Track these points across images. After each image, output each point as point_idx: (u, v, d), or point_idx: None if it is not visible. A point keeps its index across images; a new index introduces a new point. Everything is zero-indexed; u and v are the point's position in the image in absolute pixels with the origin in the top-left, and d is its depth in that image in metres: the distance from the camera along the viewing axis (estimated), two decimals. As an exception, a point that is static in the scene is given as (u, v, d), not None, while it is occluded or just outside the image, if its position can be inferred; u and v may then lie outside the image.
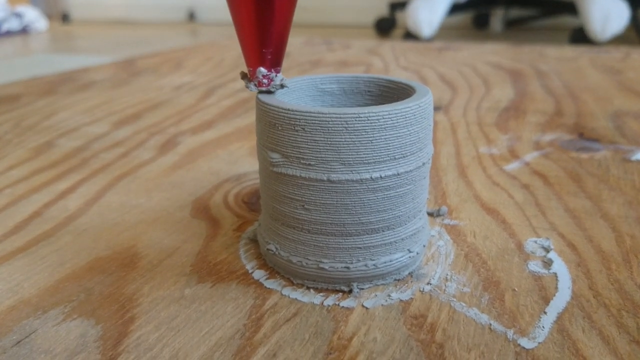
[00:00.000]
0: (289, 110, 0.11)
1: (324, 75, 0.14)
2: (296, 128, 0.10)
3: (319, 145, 0.10)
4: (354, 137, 0.10)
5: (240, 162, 0.19)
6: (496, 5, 1.20)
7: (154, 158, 0.20)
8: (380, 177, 0.11)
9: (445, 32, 1.30)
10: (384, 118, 0.10)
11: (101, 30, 1.64)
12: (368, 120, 0.10)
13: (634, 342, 0.10)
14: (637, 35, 1.03)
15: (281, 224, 0.12)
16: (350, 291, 0.11)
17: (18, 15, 1.55)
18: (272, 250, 0.12)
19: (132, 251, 0.13)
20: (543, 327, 0.10)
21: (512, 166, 0.19)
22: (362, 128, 0.10)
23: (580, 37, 0.96)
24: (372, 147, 0.10)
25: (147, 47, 1.02)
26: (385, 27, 1.17)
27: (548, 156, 0.20)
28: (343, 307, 0.11)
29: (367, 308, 0.11)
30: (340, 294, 0.11)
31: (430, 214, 0.15)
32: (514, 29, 1.34)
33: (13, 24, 1.53)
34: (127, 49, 0.94)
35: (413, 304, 0.11)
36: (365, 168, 0.11)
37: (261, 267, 0.12)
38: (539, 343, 0.10)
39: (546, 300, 0.11)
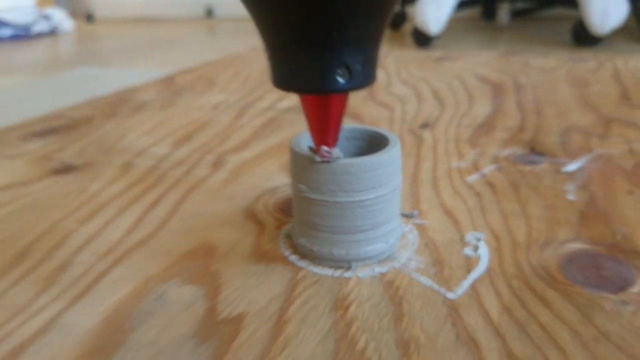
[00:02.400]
0: (310, 157, 0.18)
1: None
2: (314, 170, 0.18)
3: (328, 181, 0.17)
4: (350, 176, 0.17)
5: (272, 177, 0.27)
6: (502, 0, 1.25)
7: (209, 175, 0.27)
8: (367, 198, 0.18)
9: (455, 25, 1.35)
10: (368, 165, 0.17)
11: (124, 30, 1.72)
12: (359, 166, 0.17)
13: (515, 295, 0.17)
14: (637, 28, 1.07)
15: (307, 227, 0.19)
16: (350, 267, 0.19)
17: (46, 17, 1.63)
18: (302, 243, 0.19)
19: (209, 244, 0.21)
20: (462, 287, 0.17)
21: (472, 178, 0.25)
22: (354, 171, 0.17)
23: (580, 30, 1.01)
24: (361, 181, 0.17)
25: (171, 49, 1.09)
26: (396, 21, 1.23)
27: (501, 169, 0.26)
28: (345, 277, 0.18)
29: (359, 277, 0.18)
30: (344, 269, 0.18)
31: (405, 216, 0.22)
32: (521, 19, 1.38)
33: (42, 26, 1.61)
34: (154, 52, 1.01)
35: (388, 275, 0.18)
36: (357, 193, 0.18)
37: (294, 253, 0.20)
38: (457, 296, 0.17)
39: (469, 272, 0.18)
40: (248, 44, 1.03)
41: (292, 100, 0.41)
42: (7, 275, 0.19)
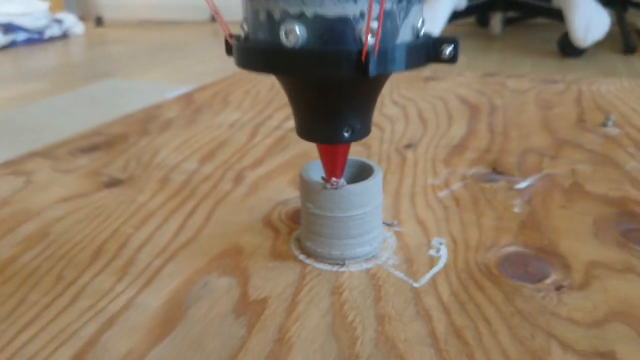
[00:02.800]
0: (315, 183, 0.24)
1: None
2: (318, 193, 0.24)
3: (328, 201, 0.24)
4: (344, 198, 0.24)
5: (284, 192, 0.33)
6: (494, 10, 1.31)
7: (232, 189, 0.34)
8: (356, 214, 0.24)
9: (450, 31, 1.40)
10: (357, 190, 0.24)
11: (132, 34, 1.78)
12: (351, 191, 0.24)
13: (461, 284, 0.23)
14: (622, 39, 1.13)
15: (312, 233, 0.25)
16: (344, 264, 0.25)
17: (58, 21, 1.69)
18: (308, 246, 0.26)
19: (238, 246, 0.27)
20: (425, 278, 0.24)
21: (443, 193, 0.32)
22: (348, 194, 0.24)
23: (566, 42, 1.08)
24: (352, 201, 0.24)
25: (178, 55, 1.16)
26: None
27: (466, 186, 0.33)
28: (340, 271, 0.25)
29: (351, 271, 0.25)
30: (339, 265, 0.25)
31: (387, 224, 0.29)
32: (513, 26, 1.44)
33: (55, 30, 1.67)
34: (162, 58, 1.07)
35: (372, 269, 0.25)
36: (349, 210, 0.24)
37: (302, 253, 0.26)
38: (420, 285, 0.23)
39: (431, 267, 0.25)
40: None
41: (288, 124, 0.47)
42: (90, 268, 0.26)
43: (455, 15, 1.20)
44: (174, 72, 1.07)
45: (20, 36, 1.55)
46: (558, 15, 1.12)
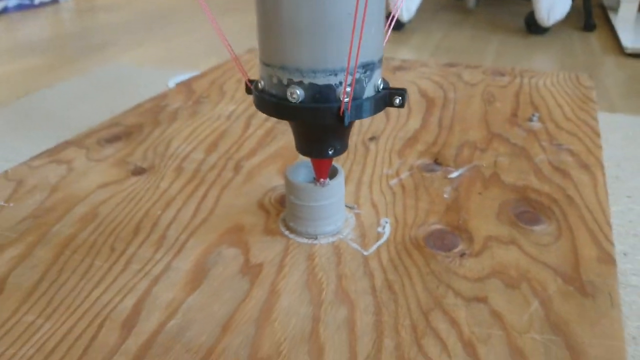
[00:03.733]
0: (295, 183, 0.34)
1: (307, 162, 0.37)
2: (297, 189, 0.34)
3: (305, 195, 0.34)
4: (316, 193, 0.34)
5: (273, 179, 0.43)
6: (469, -15, 1.38)
7: (233, 177, 0.44)
8: (325, 204, 0.34)
9: (427, 3, 1.47)
10: (325, 188, 0.34)
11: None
12: (320, 188, 0.34)
13: (396, 252, 0.34)
14: (584, 17, 1.22)
15: (293, 216, 0.36)
16: (316, 238, 0.36)
17: (47, -14, 1.70)
18: (291, 225, 0.36)
19: (240, 225, 0.37)
20: (372, 248, 0.34)
21: (393, 182, 0.42)
22: (318, 191, 0.34)
23: (531, 20, 1.17)
24: (322, 196, 0.34)
25: (166, 26, 1.20)
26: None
27: (412, 175, 0.43)
28: (314, 243, 0.35)
29: (321, 243, 0.35)
30: (313, 239, 0.36)
31: (348, 207, 0.39)
32: (487, 1, 1.51)
33: (44, -5, 1.69)
34: (154, 28, 1.12)
35: (336, 242, 0.35)
36: (320, 201, 0.34)
37: (287, 230, 0.36)
38: (369, 253, 0.34)
39: (377, 240, 0.35)
40: (234, 19, 1.15)
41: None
42: (133, 242, 0.36)
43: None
44: (167, 46, 1.14)
45: (12, 2, 1.58)
46: (526, -6, 1.20)
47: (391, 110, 0.56)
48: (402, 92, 0.31)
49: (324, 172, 0.34)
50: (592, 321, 0.28)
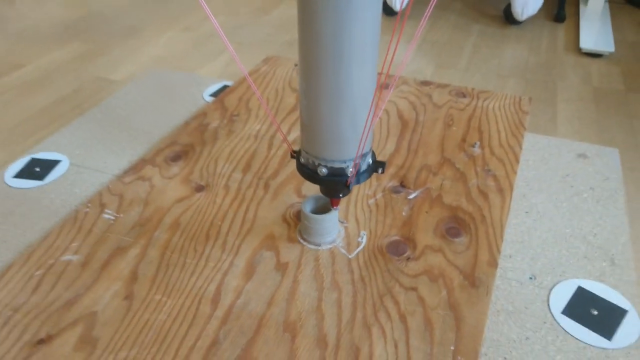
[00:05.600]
0: (307, 214, 0.56)
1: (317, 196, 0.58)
2: (309, 218, 0.56)
3: (312, 220, 0.56)
4: (319, 219, 0.56)
5: (291, 197, 0.65)
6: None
7: (264, 195, 0.65)
8: (325, 225, 0.56)
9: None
10: (326, 216, 0.56)
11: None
12: (324, 216, 0.56)
13: (368, 257, 0.56)
14: (557, 7, 1.38)
15: (305, 230, 0.58)
16: (320, 246, 0.58)
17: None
18: (304, 236, 0.58)
19: (272, 234, 0.59)
20: (354, 253, 0.57)
21: (371, 201, 0.64)
22: (323, 217, 0.56)
23: (509, 12, 1.34)
24: (326, 220, 0.56)
25: (190, 12, 1.34)
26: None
27: (384, 196, 0.65)
28: (319, 249, 0.57)
29: (322, 249, 0.57)
30: (318, 246, 0.58)
31: (340, 222, 0.61)
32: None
33: (65, -37, 1.80)
34: (171, 8, 1.26)
35: (332, 248, 0.57)
36: (322, 223, 0.56)
37: (302, 239, 0.59)
38: (351, 256, 0.56)
39: (357, 247, 0.57)
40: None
41: (296, 133, 0.77)
42: (207, 245, 0.58)
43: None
44: (191, 36, 1.30)
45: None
46: (506, -14, 1.35)
47: (376, 131, 0.77)
48: (382, 164, 0.52)
49: (336, 204, 0.55)
50: (472, 303, 0.51)
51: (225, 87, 0.95)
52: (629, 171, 0.79)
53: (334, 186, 0.52)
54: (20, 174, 0.73)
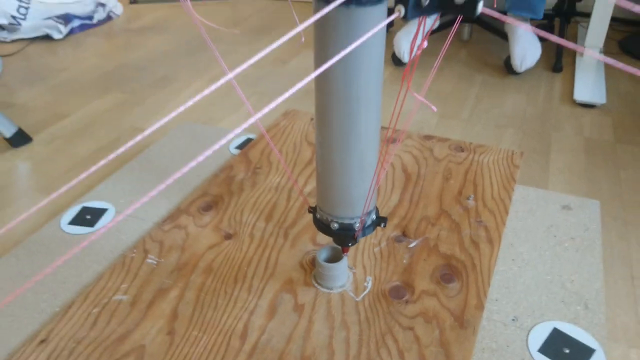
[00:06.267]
0: (321, 263, 0.66)
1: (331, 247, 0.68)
2: (322, 266, 0.66)
3: (325, 267, 0.66)
4: (331, 266, 0.66)
5: (307, 245, 0.75)
6: (464, 22, 1.64)
7: (284, 243, 0.76)
8: (336, 273, 0.66)
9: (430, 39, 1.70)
10: (337, 265, 0.65)
11: (164, 12, 2.09)
12: (335, 265, 0.65)
13: (372, 299, 0.66)
14: (555, 57, 1.48)
15: (319, 276, 0.67)
16: (332, 289, 0.68)
17: (102, 5, 2.00)
18: (318, 280, 0.68)
19: (290, 278, 0.69)
20: (360, 296, 0.66)
21: (376, 249, 0.74)
22: (334, 266, 0.66)
23: (509, 64, 1.45)
24: (334, 268, 0.66)
25: (208, 56, 1.47)
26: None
27: (387, 244, 0.75)
28: (330, 292, 0.67)
29: (334, 292, 0.67)
30: (330, 290, 0.68)
31: (349, 268, 0.71)
32: (479, 34, 1.76)
33: (101, 14, 1.99)
34: (201, 59, 1.38)
35: (342, 292, 0.67)
36: (333, 270, 0.66)
37: (316, 283, 0.69)
38: (359, 299, 0.66)
39: (364, 291, 0.67)
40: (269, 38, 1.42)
41: (312, 185, 0.88)
42: (235, 288, 0.68)
43: (433, 32, 1.54)
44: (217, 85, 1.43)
45: (76, 23, 1.87)
46: (507, 38, 1.46)
47: (382, 185, 0.87)
48: (384, 220, 0.62)
49: (346, 251, 0.65)
50: (461, 342, 0.60)
51: (249, 139, 1.06)
52: (612, 220, 0.87)
53: (343, 238, 0.62)
54: (74, 221, 0.84)
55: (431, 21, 1.44)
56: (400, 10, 0.25)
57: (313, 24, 0.49)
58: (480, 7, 0.26)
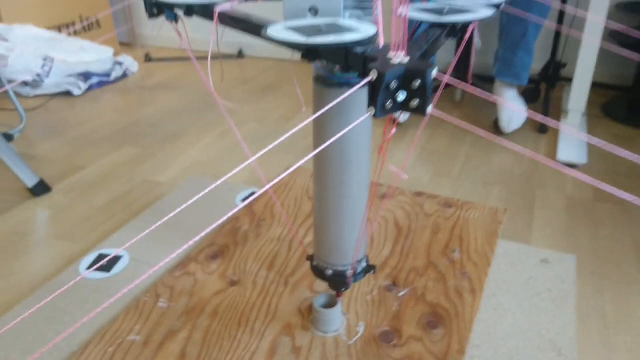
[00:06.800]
0: (317, 309, 0.73)
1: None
2: (319, 311, 0.73)
3: (322, 312, 0.73)
4: (327, 312, 0.72)
5: (305, 292, 0.82)
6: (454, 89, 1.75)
7: (284, 290, 0.83)
8: (330, 318, 0.73)
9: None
10: (331, 310, 0.72)
11: (176, 70, 2.22)
12: (331, 310, 0.72)
13: (364, 341, 0.72)
14: (540, 124, 1.58)
15: (316, 321, 0.74)
16: (327, 333, 0.74)
17: (119, 63, 2.14)
18: (315, 325, 0.74)
19: (290, 322, 0.76)
20: (353, 340, 0.73)
21: (369, 297, 0.81)
22: (327, 312, 0.72)
23: (497, 125, 1.54)
24: (329, 313, 0.72)
25: (223, 120, 1.57)
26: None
27: (379, 293, 0.81)
28: (326, 336, 0.74)
29: (328, 336, 0.73)
30: (325, 334, 0.74)
31: (343, 313, 0.77)
32: (470, 96, 1.88)
33: (118, 72, 2.12)
34: (209, 116, 1.48)
35: (336, 336, 0.73)
36: (328, 315, 0.73)
37: (313, 327, 0.75)
38: (351, 342, 0.72)
39: (356, 335, 0.73)
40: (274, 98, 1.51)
41: (311, 237, 0.95)
42: (239, 331, 0.75)
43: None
44: (224, 143, 1.53)
45: (94, 80, 2.00)
46: (495, 101, 1.57)
47: (375, 238, 0.95)
48: (373, 268, 0.70)
49: (340, 295, 0.72)
50: (443, 383, 0.66)
51: (253, 193, 1.14)
52: (589, 274, 0.94)
53: (337, 283, 0.69)
54: (92, 267, 0.91)
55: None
56: (372, 111, 0.34)
57: (312, 98, 0.59)
58: (429, 109, 0.34)
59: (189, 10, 0.57)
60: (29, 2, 2.06)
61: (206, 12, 0.55)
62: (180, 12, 0.59)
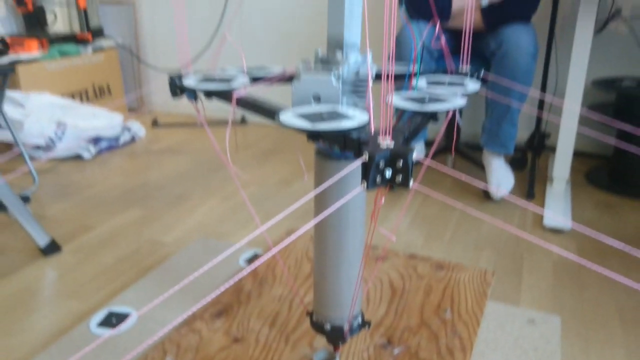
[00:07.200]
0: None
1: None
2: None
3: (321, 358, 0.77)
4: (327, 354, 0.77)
5: (304, 349, 0.87)
6: (447, 152, 1.85)
7: (285, 347, 0.87)
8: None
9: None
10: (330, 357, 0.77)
11: (182, 135, 2.32)
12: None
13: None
14: (528, 185, 1.66)
15: (315, 377, 0.79)
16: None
17: (128, 129, 2.24)
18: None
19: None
20: (350, 395, 0.77)
21: (364, 354, 0.85)
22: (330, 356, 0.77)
23: (486, 192, 1.62)
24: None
25: (228, 182, 1.64)
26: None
27: (374, 350, 0.86)
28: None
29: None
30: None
31: (342, 371, 0.82)
32: (461, 163, 1.97)
33: (126, 137, 2.22)
34: (214, 180, 1.55)
35: (334, 391, 0.78)
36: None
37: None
38: (348, 398, 0.76)
39: (353, 391, 0.78)
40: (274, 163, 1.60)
41: (310, 296, 1.01)
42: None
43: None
44: (228, 205, 1.60)
45: (104, 144, 2.10)
46: (484, 168, 1.66)
47: (370, 297, 1.00)
48: (368, 323, 0.75)
49: (337, 349, 0.77)
50: None
51: (255, 253, 1.20)
52: (574, 335, 0.99)
53: (335, 337, 0.74)
54: (102, 324, 0.96)
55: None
56: (364, 184, 0.42)
57: (314, 168, 0.67)
58: (411, 184, 0.42)
59: (209, 94, 0.66)
60: (46, 73, 2.19)
61: (224, 96, 0.64)
62: (200, 94, 0.68)
